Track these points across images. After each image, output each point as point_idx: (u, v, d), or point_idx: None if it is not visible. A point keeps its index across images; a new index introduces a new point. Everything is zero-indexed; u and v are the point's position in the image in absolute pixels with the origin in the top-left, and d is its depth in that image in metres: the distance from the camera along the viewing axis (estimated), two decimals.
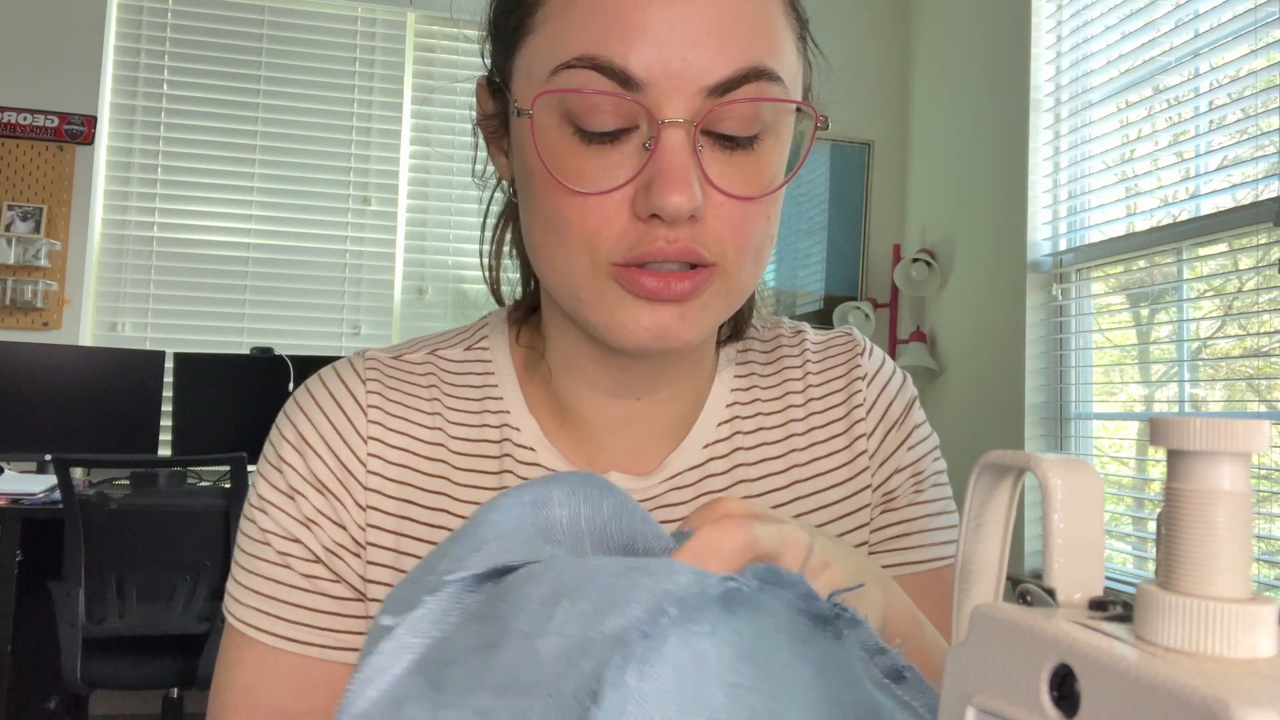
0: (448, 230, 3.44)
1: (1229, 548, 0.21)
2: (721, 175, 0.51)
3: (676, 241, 0.50)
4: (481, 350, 0.64)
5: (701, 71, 0.49)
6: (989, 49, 3.09)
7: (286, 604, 0.57)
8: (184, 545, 2.26)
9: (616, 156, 0.51)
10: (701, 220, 0.51)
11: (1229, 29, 2.25)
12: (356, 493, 0.58)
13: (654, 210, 0.49)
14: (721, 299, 0.54)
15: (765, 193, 0.53)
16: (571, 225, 0.51)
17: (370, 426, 0.59)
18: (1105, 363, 2.70)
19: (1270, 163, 2.14)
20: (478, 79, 0.61)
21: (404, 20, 3.44)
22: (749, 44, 0.50)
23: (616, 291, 0.52)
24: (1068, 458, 0.25)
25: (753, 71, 0.50)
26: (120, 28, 3.25)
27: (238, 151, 3.31)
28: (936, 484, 0.67)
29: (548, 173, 0.51)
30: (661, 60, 0.49)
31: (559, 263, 0.53)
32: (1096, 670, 0.20)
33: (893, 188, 3.62)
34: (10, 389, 2.77)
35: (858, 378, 0.67)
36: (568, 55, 0.50)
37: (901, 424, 0.67)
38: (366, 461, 0.59)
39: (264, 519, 0.58)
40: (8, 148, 3.07)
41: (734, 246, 0.52)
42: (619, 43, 0.49)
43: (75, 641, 2.17)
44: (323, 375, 0.61)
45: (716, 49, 0.49)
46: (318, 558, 0.57)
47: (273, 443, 0.60)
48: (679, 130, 0.49)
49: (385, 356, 0.63)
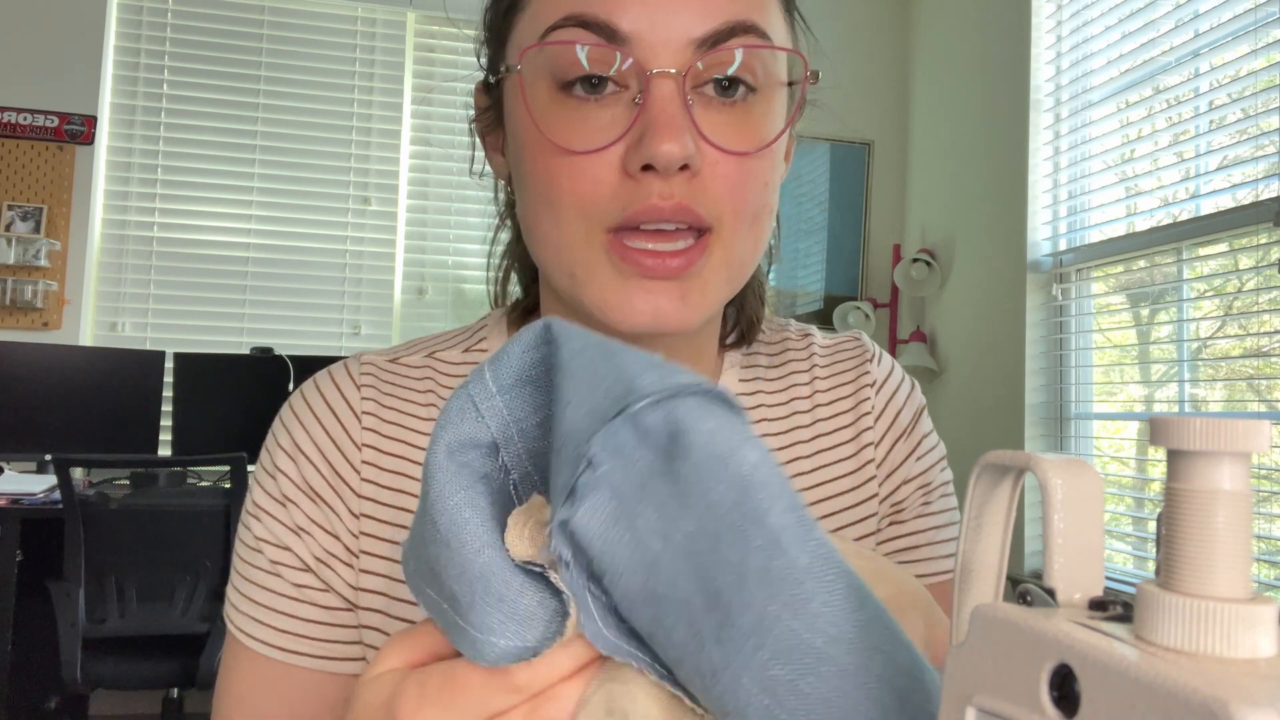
0: (448, 230, 3.44)
1: (1229, 548, 0.21)
2: (714, 130, 0.51)
3: (672, 197, 0.50)
4: (480, 352, 0.63)
5: (688, 24, 0.49)
6: (989, 49, 3.09)
7: (278, 613, 0.56)
8: (184, 545, 2.26)
9: (606, 116, 0.50)
10: (697, 176, 0.50)
11: (1229, 29, 2.25)
12: (350, 501, 0.57)
13: (646, 160, 0.49)
14: (722, 271, 0.53)
15: (759, 147, 0.52)
16: (563, 190, 0.51)
17: (364, 434, 0.58)
18: (1105, 363, 2.70)
19: (1270, 163, 2.14)
20: (476, 83, 0.61)
21: (404, 20, 3.44)
22: (734, 1, 0.51)
23: (611, 269, 0.51)
24: (1068, 458, 0.25)
25: (739, 25, 0.50)
26: (120, 28, 3.26)
27: (238, 151, 3.31)
28: (944, 494, 0.66)
29: (537, 130, 0.51)
30: (648, 14, 0.49)
31: (553, 235, 0.52)
32: (1096, 670, 0.20)
33: (893, 188, 3.62)
34: (10, 389, 2.77)
35: (866, 384, 0.66)
36: (555, 17, 0.50)
37: (910, 433, 0.66)
38: (360, 469, 0.57)
39: (258, 526, 0.57)
40: (8, 148, 3.07)
41: (731, 209, 0.52)
42: (606, 1, 0.49)
43: (75, 641, 2.17)
44: (318, 380, 0.60)
45: (702, 5, 0.50)
46: (308, 567, 0.56)
47: (268, 449, 0.59)
48: (668, 80, 0.49)
49: (382, 360, 0.61)
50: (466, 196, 3.43)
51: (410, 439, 0.59)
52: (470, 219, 3.44)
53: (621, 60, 0.49)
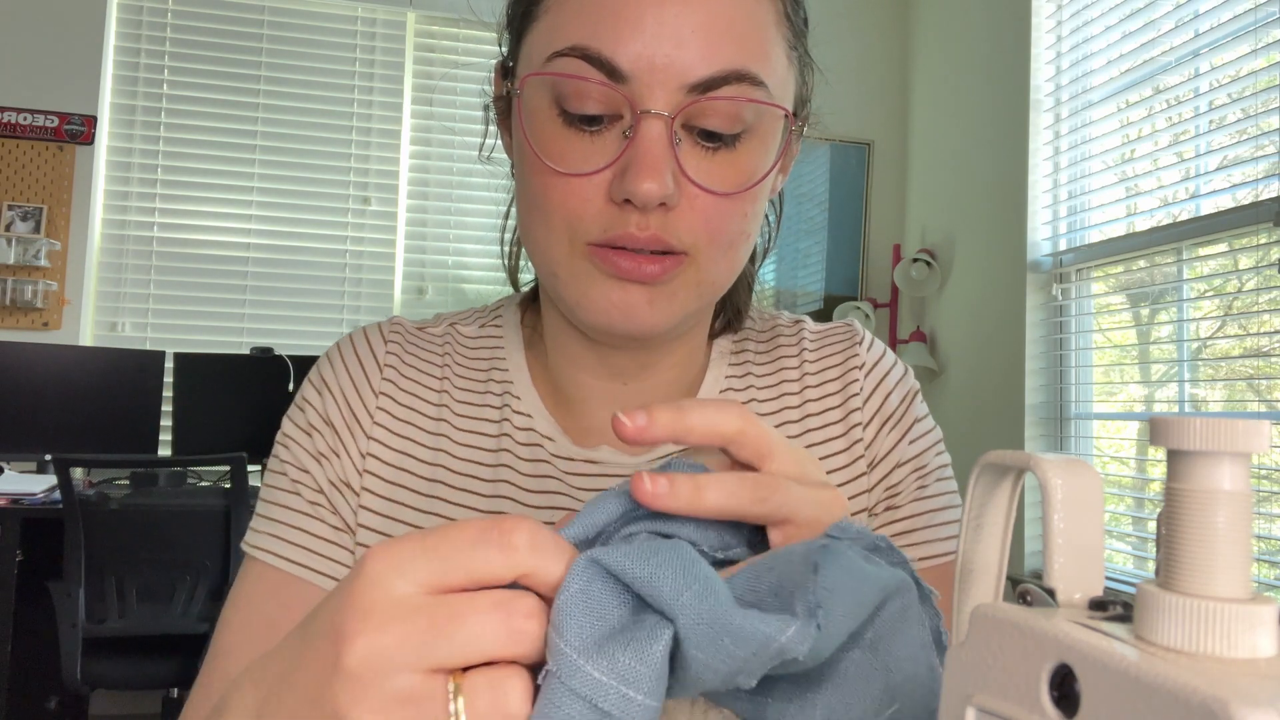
0: (448, 230, 3.44)
1: (1229, 548, 0.21)
2: (698, 170, 0.54)
3: (647, 229, 0.53)
4: (495, 327, 0.69)
5: (685, 69, 0.52)
6: (989, 49, 3.09)
7: (291, 528, 0.61)
8: (184, 545, 2.26)
9: (599, 143, 0.53)
10: (674, 210, 0.53)
11: (1229, 29, 2.25)
12: (360, 440, 0.63)
13: (626, 195, 0.52)
14: (691, 289, 0.56)
15: (739, 189, 0.55)
16: (554, 205, 0.54)
17: (383, 383, 0.65)
18: (1105, 363, 2.70)
19: (1270, 163, 2.14)
20: (495, 62, 0.64)
21: (404, 20, 3.43)
22: (735, 48, 0.52)
23: (590, 270, 0.55)
24: (1068, 458, 0.25)
25: (734, 74, 0.52)
26: (120, 28, 3.25)
27: (238, 151, 3.31)
28: (941, 478, 0.67)
29: (533, 152, 0.54)
30: (647, 55, 0.51)
31: (541, 240, 0.56)
32: (1096, 670, 0.20)
33: (893, 188, 3.62)
34: (10, 389, 2.77)
35: (854, 367, 0.67)
36: (562, 44, 0.53)
37: (901, 417, 0.66)
38: (374, 414, 0.64)
39: (284, 452, 0.64)
40: (8, 148, 3.07)
41: (705, 238, 0.55)
42: (610, 36, 0.51)
43: (75, 641, 2.17)
44: (354, 332, 0.68)
45: (701, 49, 0.52)
46: (321, 489, 0.62)
47: (303, 385, 0.66)
48: (657, 121, 0.52)
49: (411, 326, 0.69)
50: (466, 196, 3.43)
51: (422, 394, 0.65)
52: (470, 219, 3.44)
53: (617, 94, 0.52)
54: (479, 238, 3.43)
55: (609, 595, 0.29)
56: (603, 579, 0.30)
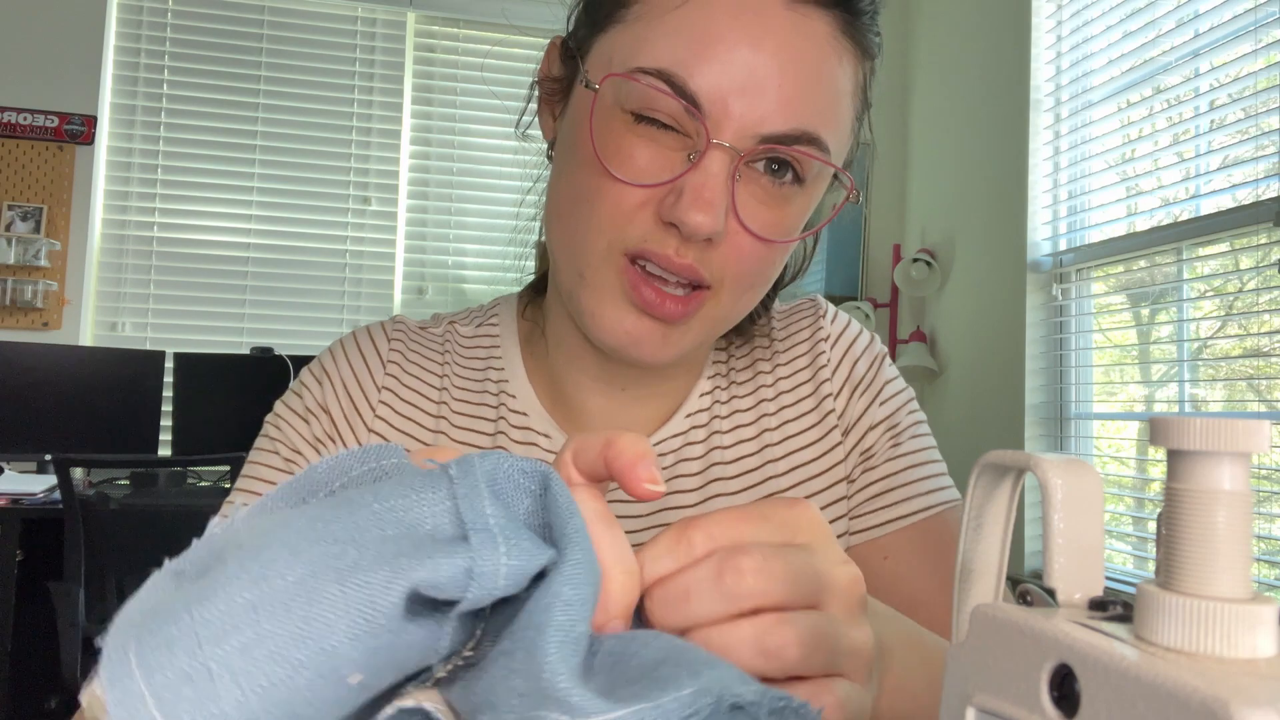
0: (448, 230, 3.44)
1: (1229, 548, 0.21)
2: (747, 210, 0.54)
3: (685, 257, 0.53)
4: (491, 325, 0.70)
5: (761, 118, 0.52)
6: (989, 49, 3.09)
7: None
8: (184, 545, 2.20)
9: (662, 155, 0.53)
10: (715, 245, 0.54)
11: (1229, 29, 2.25)
12: (360, 433, 0.64)
13: (675, 220, 0.52)
14: (706, 324, 0.57)
15: (781, 240, 0.56)
16: (604, 208, 0.54)
17: (386, 379, 0.66)
18: (1105, 363, 2.70)
19: (1270, 163, 2.14)
20: (553, 38, 0.63)
21: (404, 20, 3.43)
22: (812, 109, 0.53)
23: (615, 285, 0.55)
24: (1068, 458, 0.25)
25: (805, 136, 0.53)
26: (120, 28, 3.25)
27: (238, 151, 3.31)
28: (915, 435, 0.67)
29: (594, 151, 0.54)
30: (730, 98, 0.52)
31: (579, 237, 0.56)
32: (1096, 670, 0.20)
33: (893, 188, 3.62)
34: (10, 389, 2.77)
35: (821, 339, 0.69)
36: (649, 63, 0.52)
37: (871, 382, 0.68)
38: (376, 408, 0.65)
39: (275, 431, 0.64)
40: (8, 148, 3.07)
41: (734, 275, 0.55)
42: (698, 69, 0.52)
43: (75, 641, 2.17)
44: (358, 329, 0.69)
45: (781, 104, 0.52)
46: None
47: (302, 373, 0.68)
48: (725, 155, 0.52)
49: (413, 325, 0.70)
50: (467, 196, 3.44)
51: (424, 391, 0.66)
52: (470, 219, 3.44)
53: (691, 121, 0.53)
54: (479, 238, 3.43)
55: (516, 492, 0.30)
56: None
